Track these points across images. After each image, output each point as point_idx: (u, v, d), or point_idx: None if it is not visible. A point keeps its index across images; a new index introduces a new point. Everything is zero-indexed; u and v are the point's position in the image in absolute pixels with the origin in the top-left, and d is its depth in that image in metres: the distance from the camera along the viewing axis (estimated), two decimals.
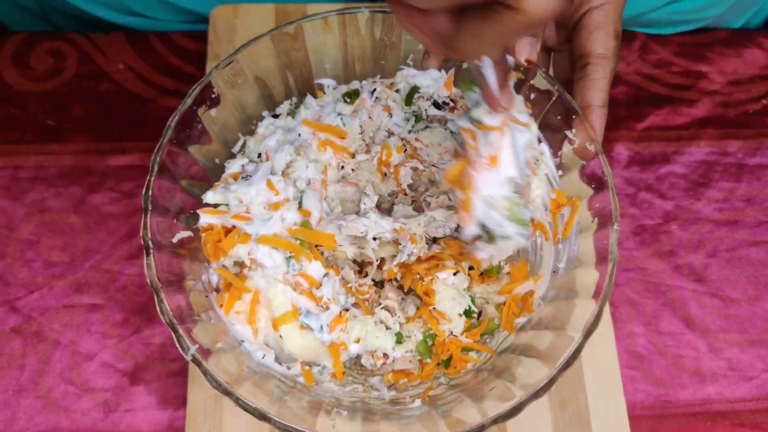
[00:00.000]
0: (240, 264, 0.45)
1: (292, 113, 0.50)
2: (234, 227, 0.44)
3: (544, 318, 0.44)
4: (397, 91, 0.49)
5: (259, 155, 0.48)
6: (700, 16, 0.63)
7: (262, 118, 0.50)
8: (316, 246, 0.44)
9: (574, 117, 0.45)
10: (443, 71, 0.50)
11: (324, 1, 0.58)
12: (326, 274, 0.44)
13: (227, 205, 0.45)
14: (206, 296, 0.44)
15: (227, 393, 0.38)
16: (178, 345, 0.39)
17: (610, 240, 0.42)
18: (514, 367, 0.42)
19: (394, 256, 0.43)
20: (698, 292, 0.55)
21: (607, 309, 0.52)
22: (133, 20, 0.64)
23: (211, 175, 0.48)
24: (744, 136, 0.61)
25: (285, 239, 0.43)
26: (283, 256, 0.43)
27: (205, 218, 0.44)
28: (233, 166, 0.47)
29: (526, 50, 0.43)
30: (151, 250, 0.40)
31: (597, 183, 0.44)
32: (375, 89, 0.49)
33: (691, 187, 0.59)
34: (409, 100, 0.48)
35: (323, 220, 0.45)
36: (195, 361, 0.38)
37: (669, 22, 0.64)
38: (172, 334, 0.39)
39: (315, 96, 0.51)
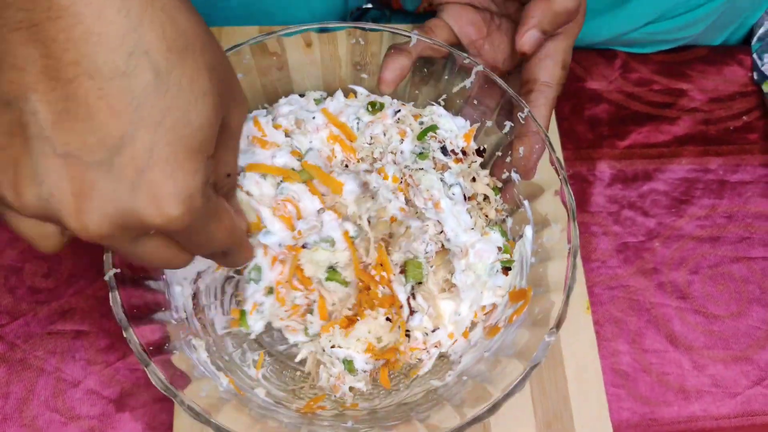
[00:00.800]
0: None
1: (317, 101, 0.51)
2: None
3: (504, 346, 0.44)
4: (421, 123, 0.50)
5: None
6: (680, 35, 0.64)
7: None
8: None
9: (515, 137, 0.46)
10: (467, 122, 0.50)
11: (302, 22, 0.59)
12: (321, 210, 0.45)
13: None
14: None
15: (171, 394, 0.38)
16: (130, 343, 0.39)
17: (568, 271, 0.42)
18: (490, 369, 0.42)
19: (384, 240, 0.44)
20: (681, 309, 0.55)
21: (591, 327, 0.53)
22: None
23: None
24: (725, 152, 0.62)
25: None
26: (273, 182, 0.45)
27: None
28: None
29: (530, 43, 0.45)
30: None
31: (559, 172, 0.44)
32: (400, 110, 0.50)
33: (673, 204, 0.59)
34: (422, 135, 0.49)
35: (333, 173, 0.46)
36: (169, 392, 0.38)
37: (649, 42, 0.65)
38: (123, 331, 0.39)
39: (346, 96, 0.51)
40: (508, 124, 0.48)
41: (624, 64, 0.64)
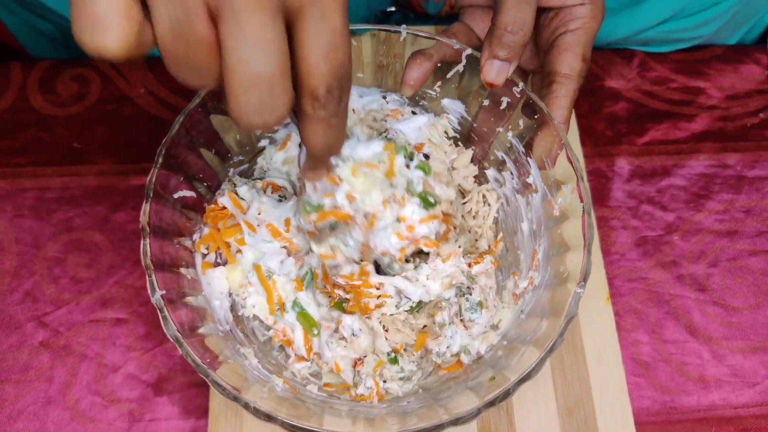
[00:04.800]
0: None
1: None
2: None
3: (535, 308, 0.46)
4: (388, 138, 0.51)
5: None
6: (694, 34, 0.66)
7: None
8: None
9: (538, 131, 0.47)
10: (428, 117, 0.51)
11: None
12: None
13: (244, 200, 0.47)
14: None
15: (235, 399, 0.39)
16: (185, 355, 0.40)
17: (585, 228, 0.44)
18: (508, 357, 0.44)
19: None
20: (701, 301, 0.57)
21: (612, 318, 0.54)
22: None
23: (234, 151, 0.50)
24: (743, 149, 0.63)
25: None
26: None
27: (224, 201, 0.47)
28: (275, 176, 0.49)
29: (492, 73, 0.45)
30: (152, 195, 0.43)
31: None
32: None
33: (691, 199, 0.60)
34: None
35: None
36: (239, 401, 0.39)
37: (665, 41, 0.66)
38: (178, 346, 0.40)
39: None
40: (521, 122, 0.49)
41: (642, 63, 0.66)
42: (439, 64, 0.50)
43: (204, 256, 0.48)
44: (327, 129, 0.30)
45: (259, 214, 0.46)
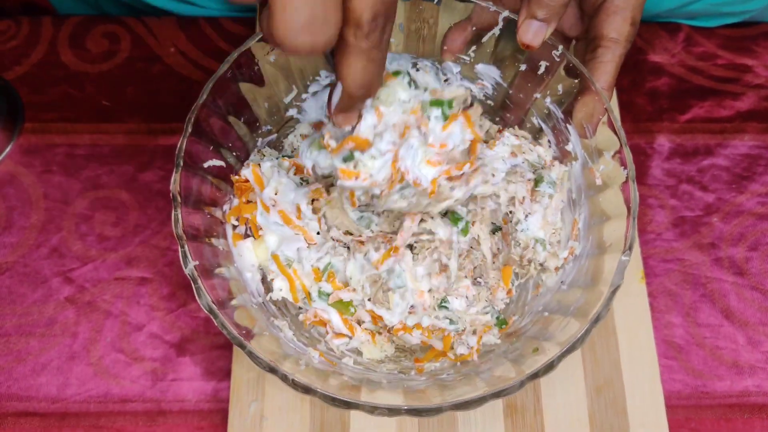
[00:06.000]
0: None
1: None
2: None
3: (576, 278, 0.45)
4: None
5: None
6: (744, 8, 0.63)
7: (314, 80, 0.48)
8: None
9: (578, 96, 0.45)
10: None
11: None
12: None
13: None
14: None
15: (271, 370, 0.38)
16: (220, 327, 0.39)
17: (631, 194, 0.42)
18: (550, 328, 0.43)
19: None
20: (738, 285, 0.55)
21: (645, 298, 0.53)
22: (183, 8, 0.66)
23: (263, 120, 0.49)
24: None
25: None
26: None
27: (247, 173, 0.45)
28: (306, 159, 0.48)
29: (530, 34, 0.43)
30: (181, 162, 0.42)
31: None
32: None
33: (733, 180, 0.58)
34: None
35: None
36: (275, 372, 0.38)
37: (712, 14, 0.63)
38: (212, 317, 0.39)
39: None
40: (560, 87, 0.47)
41: (687, 37, 0.63)
42: (473, 28, 0.49)
43: (234, 227, 0.47)
44: (367, 63, 0.29)
45: (275, 194, 0.45)
